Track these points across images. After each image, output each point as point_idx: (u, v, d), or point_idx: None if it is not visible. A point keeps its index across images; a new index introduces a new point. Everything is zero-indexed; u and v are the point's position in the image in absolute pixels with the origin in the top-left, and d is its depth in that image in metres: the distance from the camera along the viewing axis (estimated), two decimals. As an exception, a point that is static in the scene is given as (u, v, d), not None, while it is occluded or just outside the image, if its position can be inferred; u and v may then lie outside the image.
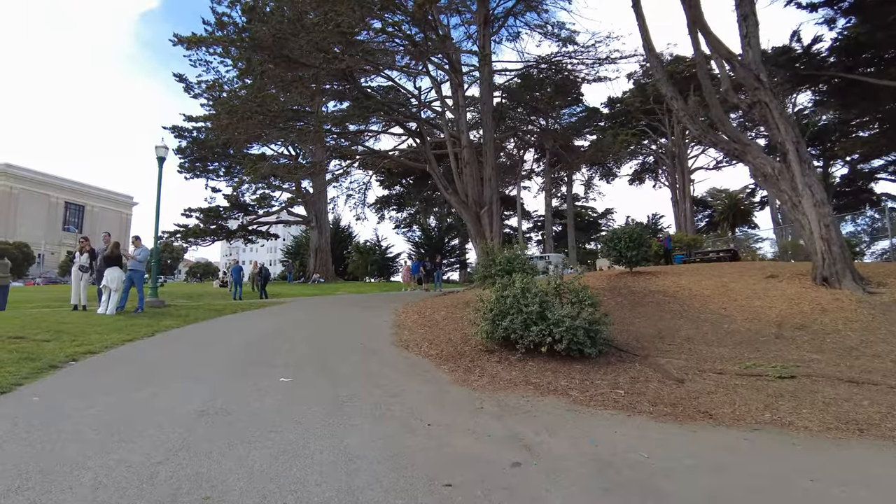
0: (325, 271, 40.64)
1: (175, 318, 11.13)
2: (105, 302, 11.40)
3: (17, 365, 6.01)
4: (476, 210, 20.04)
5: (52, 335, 8.19)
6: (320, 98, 22.15)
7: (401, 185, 59.72)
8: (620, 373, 6.45)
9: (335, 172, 30.51)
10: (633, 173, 56.67)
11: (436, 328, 9.54)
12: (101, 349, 7.35)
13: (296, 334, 9.40)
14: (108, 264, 11.46)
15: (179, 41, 15.60)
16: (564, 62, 25.64)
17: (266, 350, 7.72)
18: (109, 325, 9.53)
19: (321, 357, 7.21)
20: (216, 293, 25.35)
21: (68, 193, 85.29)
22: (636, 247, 12.62)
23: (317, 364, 6.74)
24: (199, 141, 36.12)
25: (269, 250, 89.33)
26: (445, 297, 15.55)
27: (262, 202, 39.80)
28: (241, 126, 18.00)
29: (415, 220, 59.42)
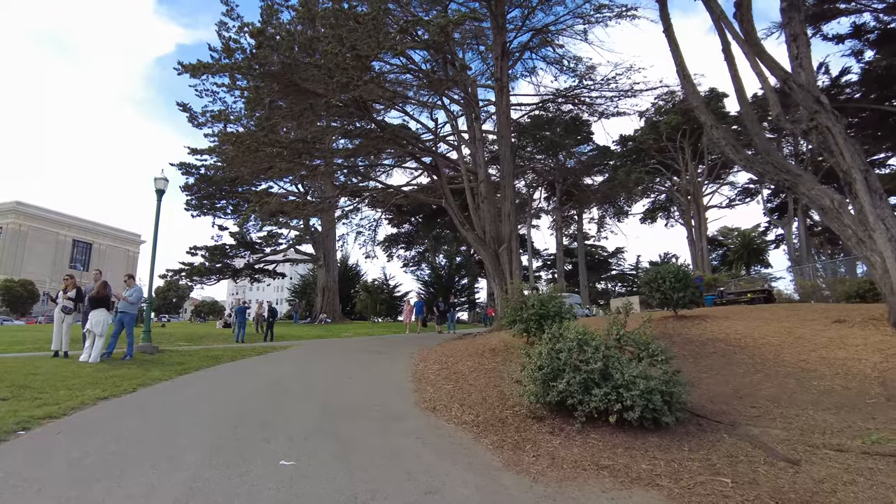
0: (333, 311, 39.34)
1: (165, 368, 9.82)
2: (88, 348, 10.16)
3: (-52, 437, 4.74)
4: (494, 248, 18.85)
5: (13, 391, 6.91)
6: (331, 135, 21.34)
7: (409, 224, 58.99)
8: (710, 449, 5.06)
9: (345, 209, 29.50)
10: (646, 211, 55.64)
11: (463, 383, 8.18)
12: (64, 411, 6.05)
13: (300, 390, 8.06)
14: (94, 306, 10.25)
15: (185, 69, 14.76)
16: (583, 95, 24.83)
17: (264, 413, 6.37)
18: (86, 378, 8.24)
19: (331, 425, 5.86)
20: (219, 335, 24.02)
21: (76, 231, 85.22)
22: (683, 287, 11.29)
23: (326, 437, 5.38)
24: (207, 178, 35.54)
25: (275, 289, 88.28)
26: (464, 342, 14.23)
27: (269, 240, 38.97)
28: (248, 159, 17.06)
29: (423, 259, 58.39)
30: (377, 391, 8.03)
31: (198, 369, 10.03)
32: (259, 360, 12.14)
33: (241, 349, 14.41)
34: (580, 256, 59.09)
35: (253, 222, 34.71)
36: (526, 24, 22.46)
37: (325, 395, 7.64)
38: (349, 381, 8.98)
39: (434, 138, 21.42)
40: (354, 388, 8.29)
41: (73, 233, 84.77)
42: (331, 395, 7.72)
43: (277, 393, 7.78)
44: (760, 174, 13.01)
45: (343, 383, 8.78)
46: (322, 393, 7.84)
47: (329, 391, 8.01)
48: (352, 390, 8.13)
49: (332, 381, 8.94)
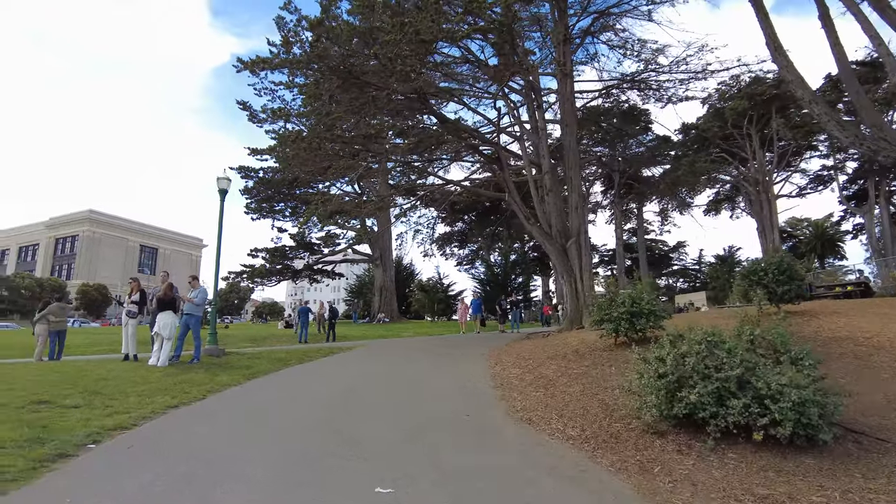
0: (390, 310, 39.15)
1: (233, 372, 9.47)
2: (156, 351, 9.94)
3: (17, 453, 4.33)
4: (562, 242, 17.87)
5: (85, 398, 6.61)
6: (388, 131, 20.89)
7: (462, 222, 58.29)
8: (891, 476, 4.10)
9: (403, 207, 29.12)
10: (710, 203, 52.86)
11: (554, 390, 7.37)
12: (135, 421, 5.65)
13: (376, 397, 7.48)
14: (161, 308, 10.03)
15: (244, 66, 14.57)
16: (651, 80, 23.38)
17: (342, 424, 5.79)
18: (155, 383, 7.93)
19: (420, 439, 5.19)
20: (281, 335, 24.06)
21: (143, 237, 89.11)
22: (788, 280, 10.07)
23: (417, 454, 4.72)
24: (265, 181, 36.00)
25: (332, 289, 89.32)
26: (535, 342, 13.40)
27: (328, 241, 39.15)
28: (309, 158, 16.78)
29: (477, 257, 57.57)
30: (460, 398, 7.34)
31: (266, 373, 9.64)
32: (327, 362, 11.71)
33: (306, 351, 14.07)
34: (640, 251, 56.83)
35: (313, 223, 34.86)
36: (588, 7, 21.31)
37: (403, 403, 7.01)
38: (426, 386, 8.35)
39: (495, 130, 20.60)
40: (434, 394, 7.64)
41: (140, 238, 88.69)
42: (410, 402, 7.09)
43: (353, 400, 7.21)
44: (872, 151, 11.57)
45: (420, 388, 8.16)
46: (400, 399, 7.23)
47: (407, 398, 7.38)
48: (432, 396, 7.47)
49: (408, 386, 8.33)
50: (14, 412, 5.72)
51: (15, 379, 7.88)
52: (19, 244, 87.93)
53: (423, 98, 16.27)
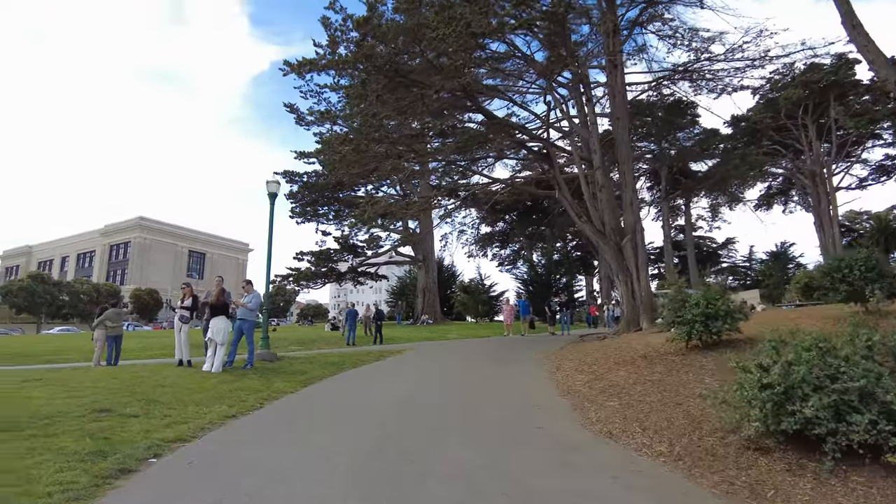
0: (433, 312, 38.93)
1: (288, 378, 9.29)
2: (210, 357, 9.84)
3: (80, 466, 4.15)
4: (616, 240, 17.17)
5: (144, 406, 6.47)
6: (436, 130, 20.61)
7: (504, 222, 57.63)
8: None
9: (448, 208, 28.83)
10: (761, 197, 50.63)
11: (629, 399, 6.84)
12: (194, 432, 5.44)
13: (438, 406, 7.12)
14: (214, 313, 9.93)
15: (291, 69, 14.52)
16: (704, 69, 22.37)
17: (408, 438, 5.44)
18: (211, 390, 7.78)
19: (496, 457, 4.77)
20: (328, 338, 24.11)
21: (191, 242, 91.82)
22: (877, 277, 9.21)
23: (494, 474, 4.31)
24: (309, 185, 36.31)
25: (374, 291, 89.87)
26: (593, 346, 12.87)
27: (371, 243, 39.26)
28: (355, 159, 16.64)
29: (519, 257, 56.80)
30: (527, 408, 6.92)
31: (321, 378, 9.44)
32: (380, 367, 11.46)
33: (358, 355, 13.86)
34: (689, 249, 54.94)
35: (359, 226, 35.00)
36: (636, -4, 20.54)
37: (468, 413, 6.63)
38: (487, 394, 7.95)
39: (544, 126, 20.04)
40: (498, 403, 7.23)
41: (189, 244, 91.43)
42: (475, 411, 6.70)
43: (413, 410, 6.87)
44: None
45: (482, 397, 7.76)
46: (464, 409, 6.84)
47: (471, 407, 7.00)
48: (496, 406, 7.06)
49: (469, 394, 7.95)
50: (77, 421, 5.60)
51: (77, 385, 7.86)
52: (78, 251, 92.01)
53: (470, 95, 15.90)
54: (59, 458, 4.34)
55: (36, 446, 4.65)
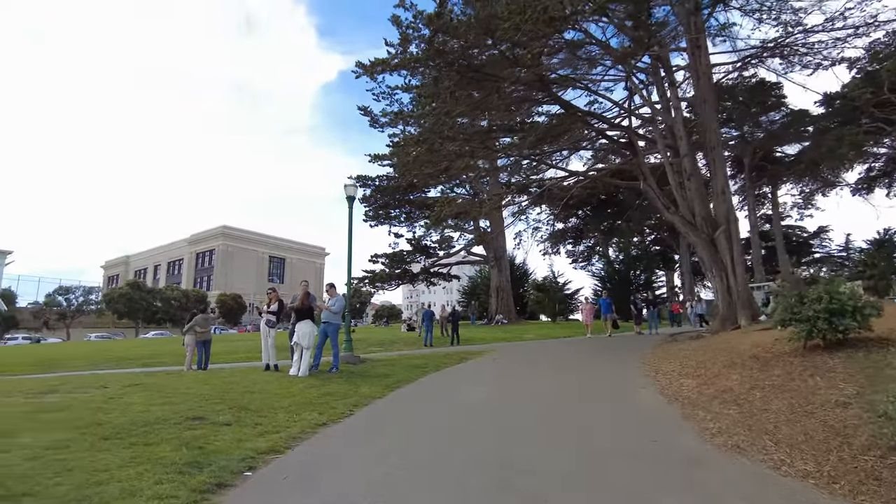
0: (508, 311, 38.35)
1: (374, 382, 9.11)
2: (296, 361, 9.85)
3: (178, 479, 4.01)
4: (708, 232, 16.03)
5: (235, 413, 6.42)
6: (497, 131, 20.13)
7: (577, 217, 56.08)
8: None
9: (522, 205, 28.23)
10: (860, 181, 46.38)
11: (750, 407, 6.09)
12: (286, 443, 5.27)
13: (537, 414, 6.65)
14: (300, 317, 9.93)
15: (364, 70, 14.48)
16: (798, 43, 20.56)
17: (513, 451, 5.00)
18: (299, 396, 7.69)
19: (616, 476, 4.25)
20: (405, 338, 24.13)
21: (271, 248, 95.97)
22: None
23: (620, 496, 3.81)
24: (381, 188, 36.78)
25: (446, 291, 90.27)
26: (692, 345, 11.98)
27: (443, 244, 39.29)
28: (428, 159, 16.44)
29: (593, 253, 55.08)
30: (633, 416, 6.33)
31: (407, 382, 9.20)
32: (464, 369, 11.13)
33: (439, 356, 13.62)
34: (777, 239, 51.25)
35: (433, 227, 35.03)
36: (718, -30, 19.17)
37: (569, 421, 6.12)
38: (585, 400, 7.41)
39: (625, 113, 19.07)
40: (600, 411, 6.68)
41: (269, 250, 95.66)
42: (576, 420, 6.19)
43: (509, 419, 6.43)
44: None
45: (581, 402, 7.23)
46: (564, 417, 6.34)
47: (572, 415, 6.49)
48: (599, 413, 6.52)
49: (566, 400, 7.44)
50: (173, 429, 5.57)
51: (172, 391, 8.00)
52: (168, 260, 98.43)
53: (545, 85, 15.30)
54: (158, 469, 4.24)
55: (137, 455, 4.60)
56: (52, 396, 7.69)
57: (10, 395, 7.85)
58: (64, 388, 8.44)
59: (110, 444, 4.97)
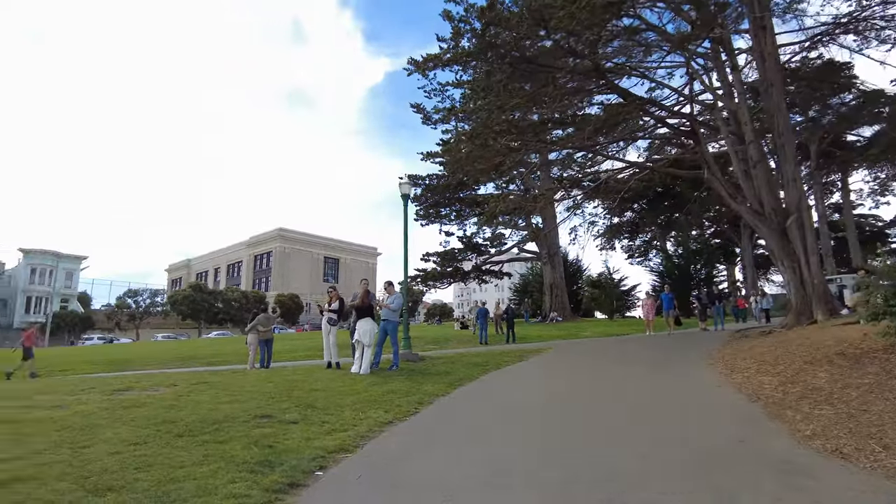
0: (562, 309, 37.64)
1: (436, 380, 9.01)
2: (358, 359, 9.87)
3: (251, 478, 3.98)
4: (778, 221, 15.15)
5: (302, 412, 6.42)
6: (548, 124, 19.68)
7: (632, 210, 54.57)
8: None
9: (577, 199, 27.63)
10: (942, 163, 42.90)
11: (846, 406, 5.58)
12: (355, 441, 5.19)
13: (611, 414, 6.36)
14: (360, 315, 9.95)
15: (415, 67, 14.42)
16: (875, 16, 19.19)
17: (586, 453, 4.75)
18: (363, 394, 7.66)
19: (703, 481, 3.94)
20: (460, 336, 24.06)
21: (326, 249, 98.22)
22: None
23: None
24: (431, 187, 36.78)
25: (497, 289, 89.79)
26: (765, 341, 11.34)
27: (494, 241, 38.96)
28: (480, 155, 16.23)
29: (650, 247, 53.43)
30: (714, 417, 5.95)
31: (469, 380, 9.04)
32: (524, 367, 10.89)
33: (496, 354, 13.41)
34: (849, 229, 48.19)
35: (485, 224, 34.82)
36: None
37: (645, 423, 5.79)
38: (659, 400, 7.04)
39: (686, 100, 18.27)
40: (677, 411, 6.32)
41: (323, 251, 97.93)
42: (653, 421, 5.86)
43: (578, 420, 6.16)
44: None
45: (655, 403, 6.87)
46: (638, 419, 6.01)
47: (646, 416, 6.15)
48: (676, 414, 6.16)
49: (637, 400, 7.08)
50: (242, 427, 5.61)
51: (238, 389, 8.13)
52: (227, 262, 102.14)
53: (602, 74, 14.82)
54: (231, 467, 4.23)
55: (209, 453, 4.62)
56: (128, 394, 7.95)
57: (90, 392, 8.17)
58: (138, 387, 8.72)
59: (184, 441, 5.03)
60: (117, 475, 4.00)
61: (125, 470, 4.13)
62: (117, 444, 4.88)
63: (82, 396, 7.75)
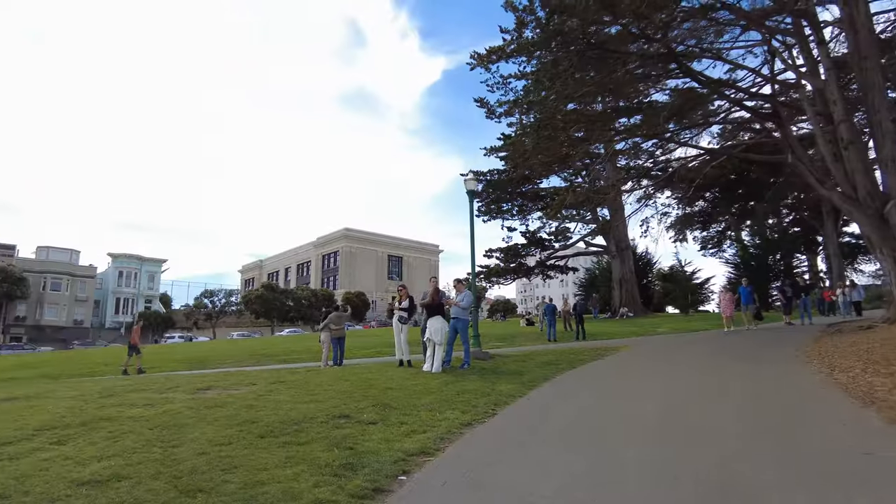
0: (633, 304, 36.39)
1: (509, 379, 8.78)
2: (430, 357, 9.80)
3: (335, 482, 3.90)
4: (875, 206, 13.92)
5: (378, 411, 6.37)
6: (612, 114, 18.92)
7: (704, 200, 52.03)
8: None
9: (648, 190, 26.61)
10: None
11: None
12: (435, 443, 5.05)
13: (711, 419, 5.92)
14: (431, 313, 9.86)
15: (478, 61, 14.21)
16: None
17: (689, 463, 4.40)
18: (437, 393, 7.55)
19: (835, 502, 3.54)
20: (526, 333, 23.69)
21: (390, 248, 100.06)
22: None
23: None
24: (493, 183, 36.40)
25: (561, 284, 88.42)
26: (868, 337, 10.45)
27: (559, 236, 38.15)
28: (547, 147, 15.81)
29: (724, 238, 50.79)
30: (825, 423, 5.41)
31: (545, 380, 8.74)
32: (601, 367, 10.47)
33: (570, 352, 13.00)
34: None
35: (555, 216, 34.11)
36: None
37: (748, 429, 5.34)
38: (756, 402, 6.51)
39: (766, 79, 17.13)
40: (779, 416, 5.80)
41: (388, 249, 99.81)
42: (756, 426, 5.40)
43: (675, 422, 5.78)
44: None
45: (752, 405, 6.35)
46: (740, 424, 5.55)
47: (747, 420, 5.68)
48: (780, 420, 5.66)
49: (732, 402, 6.59)
50: (322, 428, 5.59)
51: (315, 387, 8.23)
52: (297, 262, 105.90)
53: (674, 57, 14.09)
54: (314, 470, 4.17)
55: (292, 455, 4.59)
56: (210, 393, 8.19)
57: (175, 391, 8.48)
58: (219, 386, 8.98)
59: (266, 442, 5.05)
60: (206, 476, 4.02)
61: (213, 471, 4.15)
62: (204, 443, 4.95)
63: (168, 395, 8.05)
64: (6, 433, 5.63)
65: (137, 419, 6.12)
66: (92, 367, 18.88)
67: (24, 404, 7.74)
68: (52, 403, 7.65)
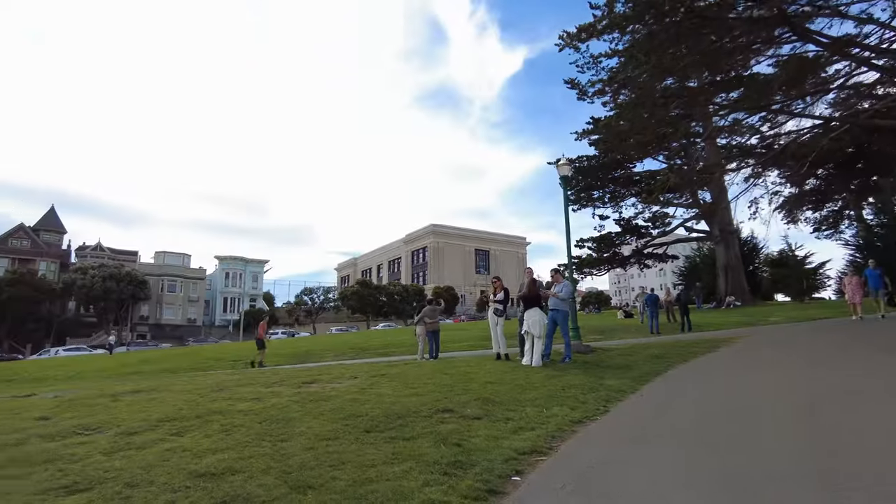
0: (740, 292, 33.86)
1: (616, 373, 8.27)
2: (528, 351, 9.46)
3: (445, 481, 3.69)
4: None
5: (482, 406, 6.14)
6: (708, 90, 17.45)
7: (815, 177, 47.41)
8: None
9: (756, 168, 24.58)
10: None
11: None
12: (546, 441, 4.73)
13: (857, 421, 5.20)
14: (528, 305, 9.51)
15: (567, 42, 13.58)
16: None
17: (848, 472, 3.79)
18: (541, 388, 7.20)
19: None
20: (626, 325, 22.65)
21: (476, 242, 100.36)
22: None
23: None
24: (583, 170, 35.17)
25: (658, 274, 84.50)
26: None
27: (657, 222, 36.13)
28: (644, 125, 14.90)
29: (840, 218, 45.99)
30: None
31: (656, 375, 8.15)
32: (716, 360, 9.65)
33: (678, 345, 12.17)
34: None
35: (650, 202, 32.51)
36: None
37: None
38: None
39: None
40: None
41: (474, 243, 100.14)
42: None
43: (816, 425, 5.09)
44: None
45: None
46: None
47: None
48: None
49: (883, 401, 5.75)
50: (426, 422, 5.44)
51: (414, 381, 8.17)
52: (388, 259, 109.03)
53: (786, 18, 12.75)
54: (422, 467, 3.99)
55: (398, 451, 4.45)
56: (314, 386, 8.34)
57: (281, 385, 8.73)
58: (322, 379, 9.16)
59: (372, 437, 4.95)
60: (315, 472, 3.95)
61: (321, 466, 4.08)
62: (311, 438, 4.94)
63: (275, 389, 8.28)
64: (134, 423, 5.96)
65: (247, 413, 6.28)
66: (204, 363, 20.20)
67: (147, 397, 8.25)
68: (171, 396, 8.09)
